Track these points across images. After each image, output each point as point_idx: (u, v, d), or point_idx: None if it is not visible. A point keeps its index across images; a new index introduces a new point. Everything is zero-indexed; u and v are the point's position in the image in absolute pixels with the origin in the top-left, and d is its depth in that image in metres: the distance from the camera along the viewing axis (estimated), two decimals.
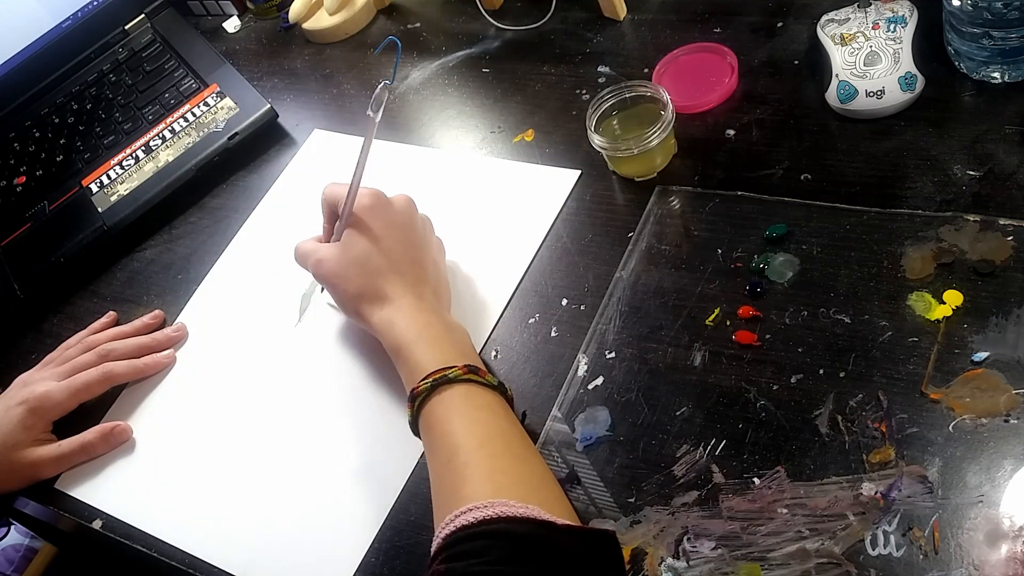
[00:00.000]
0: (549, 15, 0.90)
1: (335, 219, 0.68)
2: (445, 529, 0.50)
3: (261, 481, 0.67)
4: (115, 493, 0.71)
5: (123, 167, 0.94)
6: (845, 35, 0.71)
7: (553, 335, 0.67)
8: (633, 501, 0.57)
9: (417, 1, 1.03)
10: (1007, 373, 0.54)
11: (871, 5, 0.72)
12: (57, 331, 0.86)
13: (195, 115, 0.95)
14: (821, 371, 0.58)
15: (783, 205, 0.67)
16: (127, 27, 1.08)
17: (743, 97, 0.76)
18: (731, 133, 0.74)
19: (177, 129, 0.94)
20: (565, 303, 0.69)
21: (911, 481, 0.52)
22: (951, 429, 0.53)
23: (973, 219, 0.61)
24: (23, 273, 0.89)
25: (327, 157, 0.90)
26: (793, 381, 0.58)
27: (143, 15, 1.09)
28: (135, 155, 0.94)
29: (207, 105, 0.95)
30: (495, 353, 0.68)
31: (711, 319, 0.63)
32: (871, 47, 0.69)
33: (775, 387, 0.59)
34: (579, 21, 0.90)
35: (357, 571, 0.60)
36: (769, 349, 0.60)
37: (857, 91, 0.69)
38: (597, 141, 0.72)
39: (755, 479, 0.55)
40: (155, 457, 0.72)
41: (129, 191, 0.91)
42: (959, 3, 0.65)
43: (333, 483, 0.65)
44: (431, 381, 0.58)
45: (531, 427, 0.63)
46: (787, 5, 0.82)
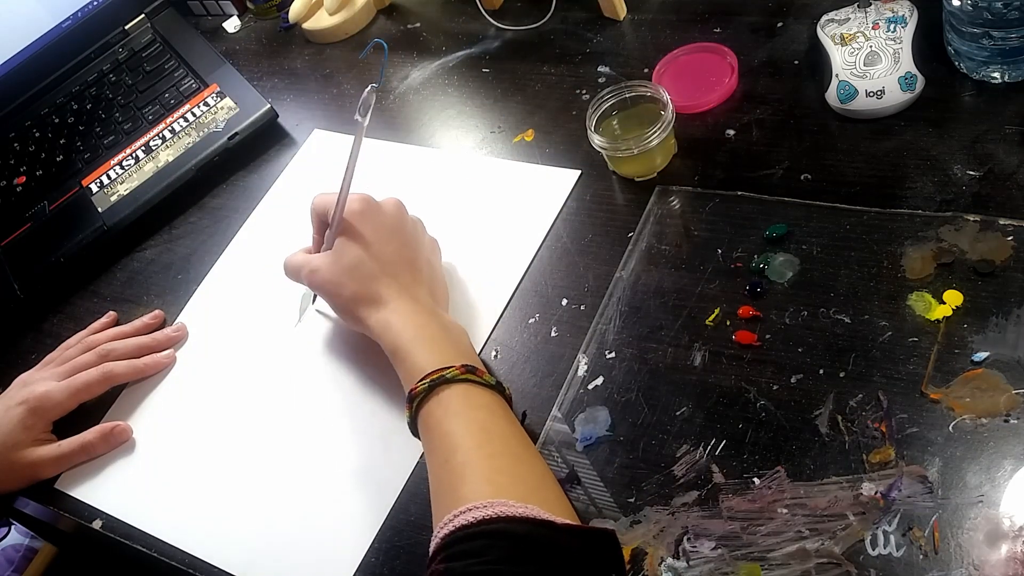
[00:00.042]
0: (549, 15, 0.90)
1: (324, 229, 0.68)
2: (444, 529, 0.50)
3: (261, 481, 0.67)
4: (115, 493, 0.71)
5: (123, 167, 0.94)
6: (845, 35, 0.71)
7: (553, 335, 0.67)
8: (633, 501, 0.57)
9: (417, 1, 1.03)
10: (1007, 373, 0.54)
11: (871, 5, 0.72)
12: (57, 331, 0.86)
13: (195, 115, 0.95)
14: (821, 371, 0.58)
15: (783, 205, 0.67)
16: (127, 27, 1.08)
17: (743, 97, 0.76)
18: (731, 133, 0.74)
19: (177, 129, 0.94)
20: (565, 303, 0.69)
21: (911, 481, 0.52)
22: (951, 429, 0.53)
23: (973, 219, 0.61)
24: (23, 273, 0.89)
25: (327, 157, 0.90)
26: (793, 381, 0.58)
27: (143, 15, 1.09)
28: (135, 155, 0.94)
29: (207, 105, 0.95)
30: (495, 353, 0.68)
31: (711, 319, 0.63)
32: (871, 47, 0.69)
33: (775, 387, 0.58)
34: (579, 21, 0.90)
35: (357, 571, 0.60)
36: (769, 349, 0.60)
37: (857, 91, 0.69)
38: (597, 141, 0.72)
39: (755, 479, 0.55)
40: (155, 457, 0.72)
41: (129, 191, 0.91)
42: (959, 3, 0.65)
43: (333, 483, 0.65)
44: (429, 382, 0.58)
45: (531, 427, 0.63)
46: (787, 5, 0.82)
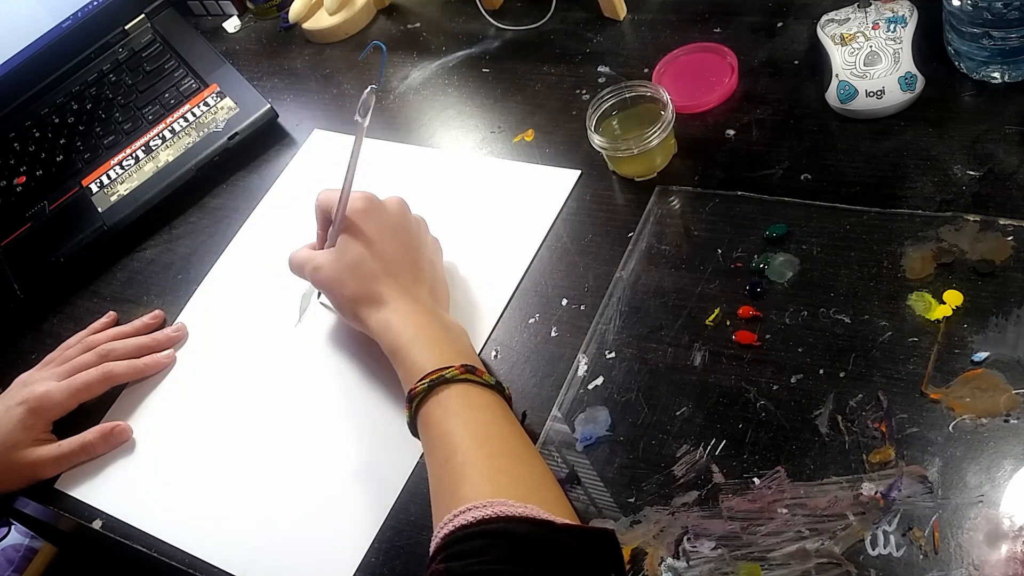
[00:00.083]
0: (549, 15, 0.90)
1: (329, 225, 0.68)
2: (444, 529, 0.50)
3: (261, 481, 0.67)
4: (115, 493, 0.71)
5: (123, 167, 0.94)
6: (845, 35, 0.71)
7: (553, 335, 0.67)
8: (633, 501, 0.57)
9: (417, 1, 1.03)
10: (1007, 373, 0.54)
11: (871, 5, 0.72)
12: (57, 331, 0.86)
13: (195, 115, 0.95)
14: (821, 371, 0.58)
15: (783, 205, 0.67)
16: (127, 27, 1.08)
17: (743, 97, 0.76)
18: (731, 133, 0.74)
19: (177, 129, 0.94)
20: (565, 303, 0.69)
21: (911, 481, 0.52)
22: (951, 429, 0.53)
23: (973, 219, 0.61)
24: (23, 273, 0.89)
25: (327, 157, 0.90)
26: (793, 381, 0.58)
27: (143, 15, 1.09)
28: (135, 155, 0.94)
29: (207, 105, 0.95)
30: (495, 353, 0.68)
31: (711, 319, 0.63)
32: (871, 47, 0.69)
33: (775, 387, 0.58)
34: (579, 21, 0.90)
35: (357, 571, 0.60)
36: (769, 349, 0.60)
37: (857, 91, 0.69)
38: (597, 141, 0.72)
39: (755, 479, 0.55)
40: (155, 457, 0.72)
41: (129, 191, 0.91)
42: (959, 3, 0.65)
43: (333, 483, 0.65)
44: (428, 382, 0.58)
45: (531, 427, 0.63)
46: (787, 5, 0.82)
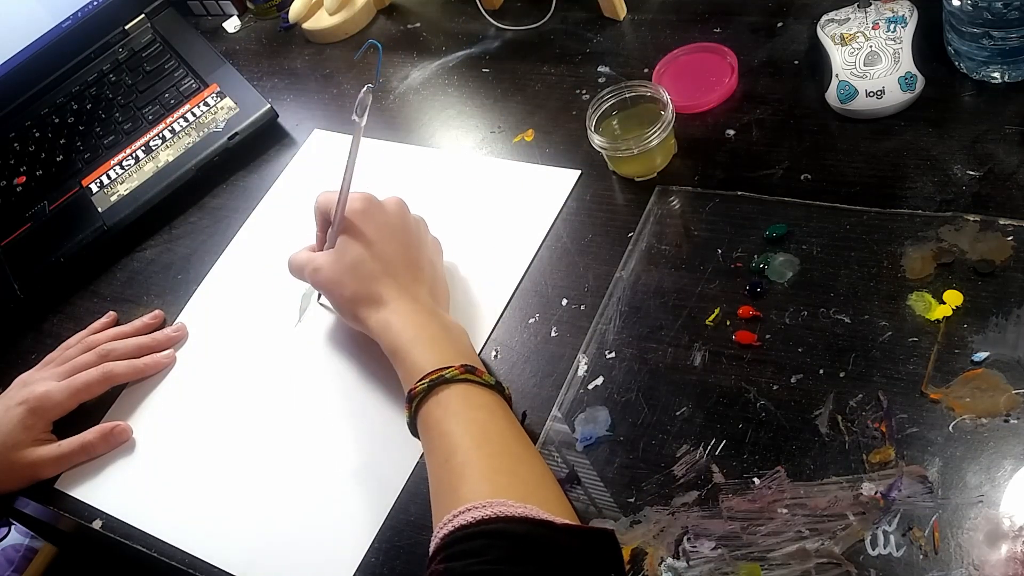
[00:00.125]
0: (549, 15, 0.90)
1: (328, 227, 0.68)
2: (444, 529, 0.50)
3: (261, 481, 0.67)
4: (115, 493, 0.71)
5: (123, 167, 0.94)
6: (845, 35, 0.71)
7: (553, 335, 0.67)
8: (633, 501, 0.57)
9: (417, 1, 1.03)
10: (1007, 373, 0.54)
11: (871, 5, 0.72)
12: (57, 331, 0.86)
13: (195, 115, 0.95)
14: (821, 371, 0.58)
15: (783, 205, 0.67)
16: (127, 27, 1.08)
17: (743, 97, 0.76)
18: (731, 133, 0.74)
19: (177, 129, 0.94)
20: (565, 303, 0.69)
21: (911, 481, 0.52)
22: (951, 429, 0.53)
23: (973, 219, 0.61)
24: (23, 273, 0.89)
25: (327, 157, 0.90)
26: (793, 381, 0.58)
27: (143, 15, 1.09)
28: (135, 155, 0.94)
29: (207, 105, 0.95)
30: (495, 353, 0.68)
31: (711, 319, 0.63)
32: (871, 47, 0.69)
33: (775, 387, 0.58)
34: (579, 21, 0.90)
35: (357, 571, 0.60)
36: (769, 349, 0.60)
37: (857, 91, 0.69)
38: (597, 141, 0.72)
39: (755, 479, 0.55)
40: (155, 457, 0.72)
41: (129, 191, 0.91)
42: (959, 3, 0.65)
43: (333, 483, 0.65)
44: (428, 382, 0.58)
45: (531, 427, 0.63)
46: (787, 5, 0.82)
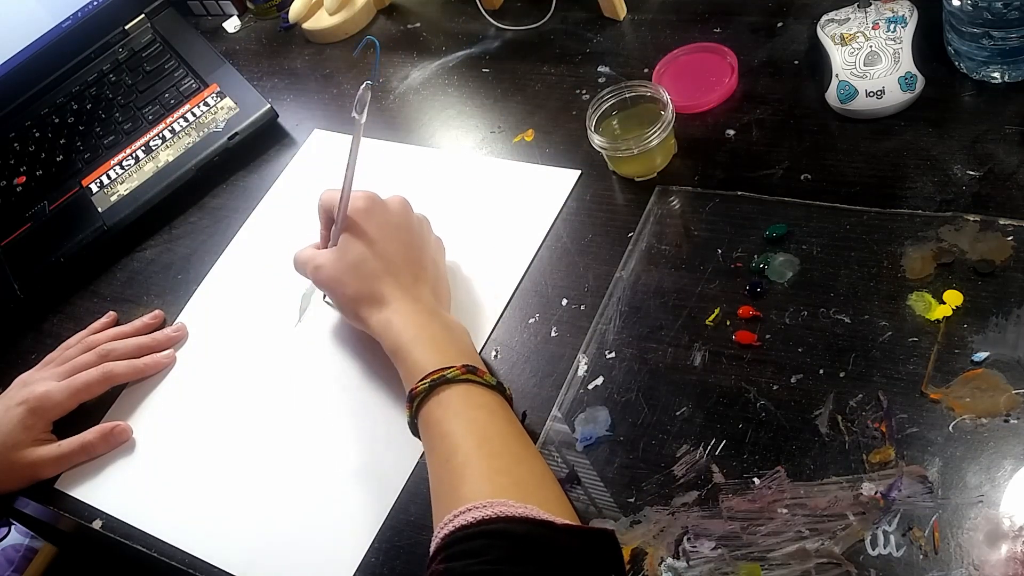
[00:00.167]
0: (549, 15, 0.90)
1: (331, 225, 0.68)
2: (444, 529, 0.50)
3: (261, 481, 0.67)
4: (115, 493, 0.71)
5: (123, 167, 0.94)
6: (845, 35, 0.71)
7: (553, 335, 0.67)
8: (633, 501, 0.57)
9: (417, 1, 1.03)
10: (1007, 373, 0.54)
11: (871, 5, 0.72)
12: (57, 331, 0.86)
13: (195, 115, 0.95)
14: (821, 371, 0.58)
15: (783, 205, 0.67)
16: (127, 27, 1.08)
17: (743, 97, 0.76)
18: (731, 133, 0.74)
19: (177, 129, 0.94)
20: (565, 303, 0.69)
21: (911, 481, 0.52)
22: (951, 429, 0.53)
23: (973, 219, 0.61)
24: (23, 273, 0.89)
25: (327, 157, 0.90)
26: (793, 381, 0.58)
27: (143, 15, 1.09)
28: (135, 155, 0.94)
29: (207, 105, 0.95)
30: (495, 353, 0.68)
31: (711, 319, 0.63)
32: (871, 47, 0.69)
33: (775, 387, 0.58)
34: (579, 21, 0.90)
35: (357, 571, 0.60)
36: (769, 349, 0.60)
37: (857, 91, 0.69)
38: (597, 141, 0.72)
39: (755, 479, 0.55)
40: (155, 457, 0.72)
41: (129, 191, 0.91)
42: (959, 3, 0.65)
43: (333, 483, 0.65)
44: (429, 382, 0.58)
45: (531, 427, 0.63)
46: (787, 5, 0.82)
